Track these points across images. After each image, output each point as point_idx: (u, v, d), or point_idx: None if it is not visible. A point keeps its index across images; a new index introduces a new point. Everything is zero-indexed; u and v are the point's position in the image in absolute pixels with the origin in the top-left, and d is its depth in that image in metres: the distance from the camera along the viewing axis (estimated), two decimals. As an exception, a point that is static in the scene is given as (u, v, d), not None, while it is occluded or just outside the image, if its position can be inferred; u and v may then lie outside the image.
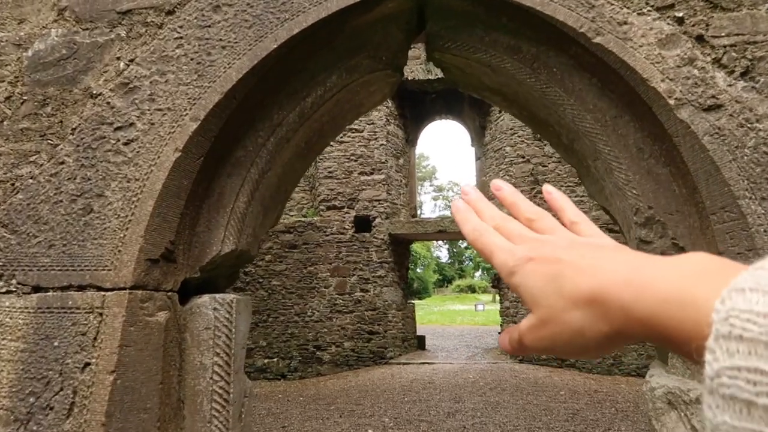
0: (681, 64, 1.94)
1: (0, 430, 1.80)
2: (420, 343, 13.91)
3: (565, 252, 0.47)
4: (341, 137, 12.99)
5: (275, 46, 2.06)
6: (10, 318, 1.90)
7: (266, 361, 11.91)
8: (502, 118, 13.19)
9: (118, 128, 2.05)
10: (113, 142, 2.04)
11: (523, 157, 12.88)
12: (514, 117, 2.51)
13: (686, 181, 1.94)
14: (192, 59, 2.09)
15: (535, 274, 0.47)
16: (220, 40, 2.09)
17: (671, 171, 2.00)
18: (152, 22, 2.16)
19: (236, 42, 2.08)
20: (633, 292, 0.40)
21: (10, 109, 2.14)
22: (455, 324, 24.17)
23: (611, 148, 2.06)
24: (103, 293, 1.89)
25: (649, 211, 1.99)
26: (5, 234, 1.99)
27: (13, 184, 2.05)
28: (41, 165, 2.05)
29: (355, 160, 13.01)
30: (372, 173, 12.93)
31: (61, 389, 1.82)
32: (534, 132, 2.47)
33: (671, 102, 1.90)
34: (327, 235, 12.52)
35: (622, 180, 2.04)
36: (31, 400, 1.82)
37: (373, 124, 13.11)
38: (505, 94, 2.35)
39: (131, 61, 2.13)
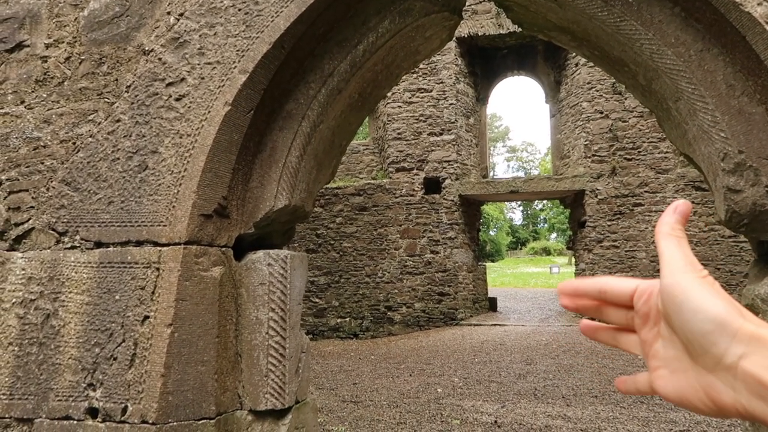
0: (783, -17, 1.66)
1: (69, 377, 1.88)
2: (491, 304, 13.77)
3: None
4: (409, 98, 12.79)
5: (323, -10, 1.96)
6: (75, 272, 1.96)
7: (339, 320, 12.19)
8: (578, 71, 12.47)
9: (170, 84, 2.04)
10: (165, 98, 2.03)
11: (602, 113, 12.19)
12: (585, 57, 2.28)
13: (786, 120, 1.70)
14: (240, 9, 2.03)
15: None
16: (267, -13, 2.01)
17: (768, 109, 1.75)
18: (200, -27, 2.11)
19: (283, -11, 1.99)
20: None
21: (69, 70, 2.17)
22: (528, 286, 23.75)
23: (695, 87, 1.82)
24: (159, 248, 1.91)
25: (740, 156, 1.76)
26: (68, 192, 2.05)
27: (74, 143, 2.09)
28: (99, 123, 2.08)
29: (424, 121, 12.78)
30: (441, 134, 12.69)
31: (123, 341, 1.87)
32: (607, 73, 2.26)
33: (770, 28, 1.64)
34: (396, 197, 12.49)
35: (708, 121, 1.81)
36: (97, 350, 1.88)
37: (442, 83, 12.78)
38: (574, 32, 2.13)
39: (181, 15, 2.09)
